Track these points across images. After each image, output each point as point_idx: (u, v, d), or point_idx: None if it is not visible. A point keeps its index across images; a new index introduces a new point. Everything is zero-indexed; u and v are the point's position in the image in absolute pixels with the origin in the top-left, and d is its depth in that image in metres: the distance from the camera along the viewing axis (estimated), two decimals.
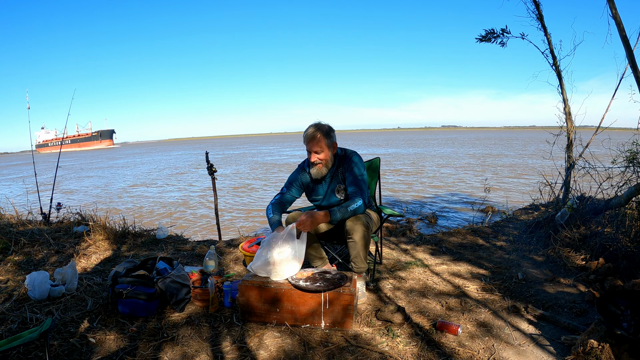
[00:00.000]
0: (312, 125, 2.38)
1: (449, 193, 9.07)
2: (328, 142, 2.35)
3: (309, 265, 2.55)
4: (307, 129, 2.38)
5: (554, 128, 4.16)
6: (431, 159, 19.54)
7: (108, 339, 1.94)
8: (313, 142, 2.32)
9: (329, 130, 2.36)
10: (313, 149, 2.33)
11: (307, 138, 2.35)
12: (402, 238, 3.86)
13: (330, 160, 2.39)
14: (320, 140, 2.32)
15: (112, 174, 18.30)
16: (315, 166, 2.38)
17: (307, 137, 2.34)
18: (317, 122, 2.39)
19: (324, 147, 2.33)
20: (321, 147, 2.33)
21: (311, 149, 2.34)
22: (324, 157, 2.35)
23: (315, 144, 2.32)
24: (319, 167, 2.38)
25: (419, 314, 2.20)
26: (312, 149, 2.33)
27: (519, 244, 3.45)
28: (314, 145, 2.32)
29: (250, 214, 7.67)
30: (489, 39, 4.26)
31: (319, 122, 2.39)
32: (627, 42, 2.90)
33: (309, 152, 2.36)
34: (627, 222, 2.90)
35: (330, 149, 2.37)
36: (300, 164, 2.56)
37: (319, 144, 2.32)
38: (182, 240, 3.89)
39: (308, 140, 2.34)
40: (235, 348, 1.87)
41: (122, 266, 2.36)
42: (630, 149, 3.16)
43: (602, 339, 1.61)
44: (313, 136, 2.32)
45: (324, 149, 2.34)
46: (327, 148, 2.35)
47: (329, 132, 2.35)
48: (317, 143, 2.32)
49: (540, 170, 6.28)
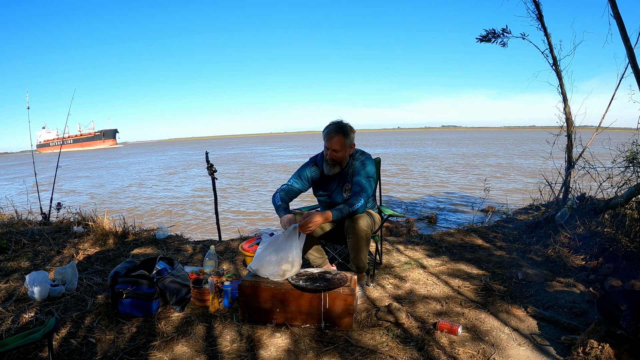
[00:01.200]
0: (334, 122, 2.39)
1: (450, 193, 9.07)
2: (347, 142, 2.36)
3: (309, 265, 2.55)
4: (329, 126, 2.38)
5: (554, 128, 4.16)
6: (420, 159, 19.53)
7: (108, 339, 1.94)
8: (333, 140, 2.33)
9: (349, 130, 2.37)
10: (332, 147, 2.34)
11: (328, 135, 2.36)
12: (402, 238, 3.86)
13: (346, 159, 2.41)
14: (340, 139, 2.33)
15: (111, 174, 18.30)
16: (329, 163, 2.40)
17: (328, 134, 2.35)
18: (339, 121, 2.40)
19: (342, 146, 2.34)
20: (340, 146, 2.34)
21: (330, 147, 2.35)
22: (340, 155, 2.36)
23: (335, 142, 2.33)
24: (333, 164, 2.40)
25: (418, 314, 2.20)
26: (331, 146, 2.34)
27: (519, 244, 3.45)
28: (334, 143, 2.33)
29: (249, 215, 7.67)
30: (489, 39, 4.25)
31: (341, 121, 2.40)
32: (627, 42, 2.90)
33: (327, 148, 2.37)
34: (627, 222, 2.91)
35: (348, 149, 2.39)
36: (312, 157, 2.57)
37: (339, 143, 2.33)
38: (182, 240, 3.89)
39: (328, 138, 2.35)
40: (235, 348, 1.87)
41: (122, 266, 2.36)
42: (630, 149, 3.16)
43: (602, 339, 1.61)
44: (334, 134, 2.33)
45: (343, 148, 2.35)
46: (346, 148, 2.36)
47: (349, 133, 2.37)
48: (337, 141, 2.33)
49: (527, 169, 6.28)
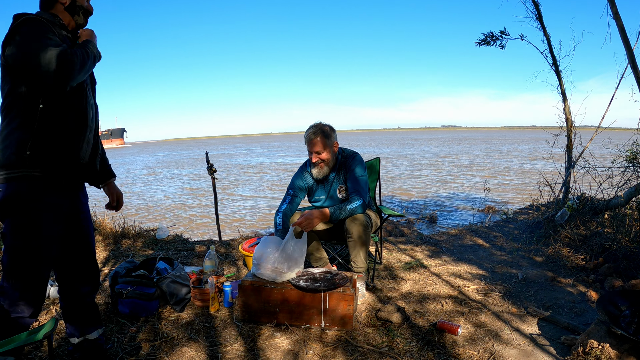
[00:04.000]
0: (313, 125, 2.40)
1: (450, 193, 9.07)
2: (329, 142, 2.36)
3: (309, 265, 2.55)
4: (307, 130, 2.40)
5: (554, 128, 4.16)
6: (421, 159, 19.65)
7: (108, 339, 1.94)
8: (314, 143, 2.35)
9: (329, 130, 2.38)
10: (314, 150, 2.35)
11: (308, 139, 2.37)
12: (401, 238, 3.86)
13: (332, 159, 2.41)
14: (320, 141, 2.34)
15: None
16: (316, 166, 2.40)
17: (308, 138, 2.37)
18: (317, 123, 2.41)
19: (324, 147, 2.35)
20: (322, 148, 2.35)
21: (312, 150, 2.36)
22: (325, 157, 2.37)
23: (316, 144, 2.34)
24: (321, 167, 2.39)
25: (418, 314, 2.20)
26: (313, 149, 2.36)
27: (519, 244, 3.45)
28: (315, 145, 2.35)
29: (246, 215, 7.67)
30: (488, 42, 4.26)
31: (319, 123, 2.41)
32: (627, 42, 2.90)
33: (310, 152, 2.38)
34: (627, 222, 2.91)
35: (331, 148, 2.39)
36: (302, 165, 2.57)
37: (320, 145, 2.34)
38: (182, 240, 3.89)
39: (309, 141, 2.37)
40: (235, 348, 1.87)
41: (122, 266, 2.36)
42: (630, 149, 3.16)
43: (602, 339, 1.61)
44: (313, 137, 2.35)
45: (325, 149, 2.36)
46: (328, 148, 2.37)
47: (329, 133, 2.37)
48: (318, 143, 2.34)
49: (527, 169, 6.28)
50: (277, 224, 2.33)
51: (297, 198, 2.47)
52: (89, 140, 1.48)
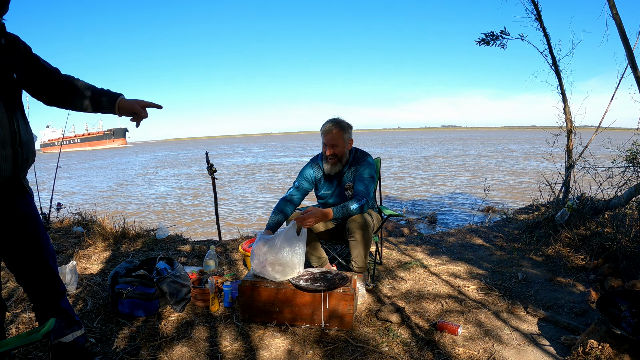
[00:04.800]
0: (331, 119, 2.44)
1: (450, 193, 9.07)
2: (345, 137, 2.40)
3: (309, 265, 2.55)
4: (325, 123, 2.44)
5: (554, 128, 4.16)
6: (420, 159, 19.67)
7: (108, 339, 1.94)
8: (331, 134, 2.38)
9: (347, 126, 2.42)
10: (331, 142, 2.38)
11: (325, 130, 2.41)
12: (402, 238, 3.86)
13: (345, 156, 2.45)
14: (338, 133, 2.38)
15: (110, 173, 18.31)
16: (329, 161, 2.43)
17: (326, 130, 2.40)
18: (336, 117, 2.46)
19: (341, 140, 2.39)
20: (338, 140, 2.38)
21: (328, 142, 2.39)
22: (339, 151, 2.40)
23: (333, 136, 2.37)
24: (334, 162, 2.43)
25: (418, 314, 2.20)
26: (330, 141, 2.38)
27: (519, 244, 3.45)
28: (332, 137, 2.38)
29: (244, 215, 7.67)
30: (488, 41, 4.26)
31: (337, 117, 2.46)
32: (627, 42, 2.90)
33: (325, 145, 2.41)
34: (627, 222, 2.91)
35: (346, 144, 2.43)
36: (313, 157, 2.61)
37: (337, 137, 2.38)
38: (182, 240, 3.89)
39: (327, 132, 2.40)
40: (235, 348, 1.87)
41: (122, 266, 2.36)
42: (630, 149, 3.16)
43: (602, 339, 1.61)
44: (331, 130, 2.38)
45: (341, 142, 2.39)
46: (344, 142, 2.40)
47: (346, 128, 2.42)
48: (335, 135, 2.37)
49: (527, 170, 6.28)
50: (275, 207, 2.43)
51: (302, 187, 2.52)
52: (5, 157, 1.31)
